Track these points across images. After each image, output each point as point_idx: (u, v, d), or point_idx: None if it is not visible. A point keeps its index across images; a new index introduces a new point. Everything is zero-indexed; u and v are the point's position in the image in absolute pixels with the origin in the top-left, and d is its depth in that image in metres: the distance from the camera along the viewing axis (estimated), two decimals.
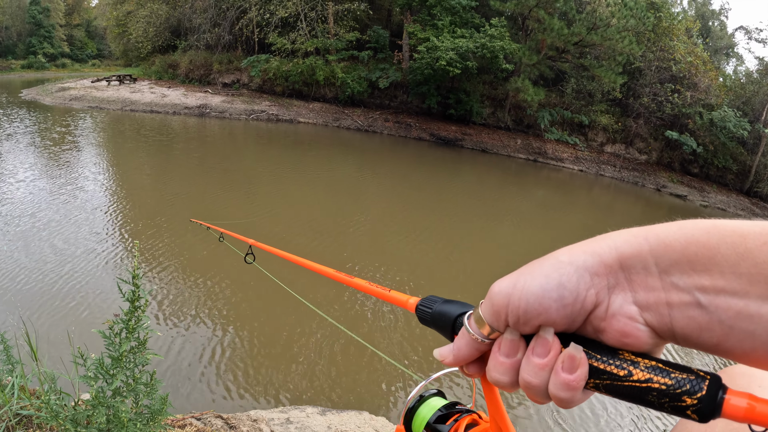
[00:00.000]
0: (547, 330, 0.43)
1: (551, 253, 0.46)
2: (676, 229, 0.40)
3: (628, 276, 0.41)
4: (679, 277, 0.39)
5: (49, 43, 57.60)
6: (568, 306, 0.42)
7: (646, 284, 0.40)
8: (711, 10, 38.92)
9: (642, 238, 0.41)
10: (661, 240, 0.40)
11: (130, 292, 1.57)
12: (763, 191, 23.02)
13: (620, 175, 23.54)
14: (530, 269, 0.45)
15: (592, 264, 0.42)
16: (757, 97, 24.62)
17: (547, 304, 0.42)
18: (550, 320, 0.43)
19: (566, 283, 0.42)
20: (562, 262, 0.43)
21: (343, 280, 1.06)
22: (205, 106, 25.04)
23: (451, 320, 0.57)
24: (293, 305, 6.29)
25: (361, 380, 5.27)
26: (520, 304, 0.43)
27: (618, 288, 0.42)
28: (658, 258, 0.40)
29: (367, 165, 17.44)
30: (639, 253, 0.41)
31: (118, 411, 1.65)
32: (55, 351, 4.58)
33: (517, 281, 0.44)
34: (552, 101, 25.65)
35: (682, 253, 0.39)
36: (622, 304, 0.41)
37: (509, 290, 0.44)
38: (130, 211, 9.84)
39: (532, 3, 22.50)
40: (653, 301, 0.40)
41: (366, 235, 9.89)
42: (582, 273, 0.42)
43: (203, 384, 4.83)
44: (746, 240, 0.36)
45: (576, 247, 0.45)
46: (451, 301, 0.60)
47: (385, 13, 30.77)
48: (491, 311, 0.46)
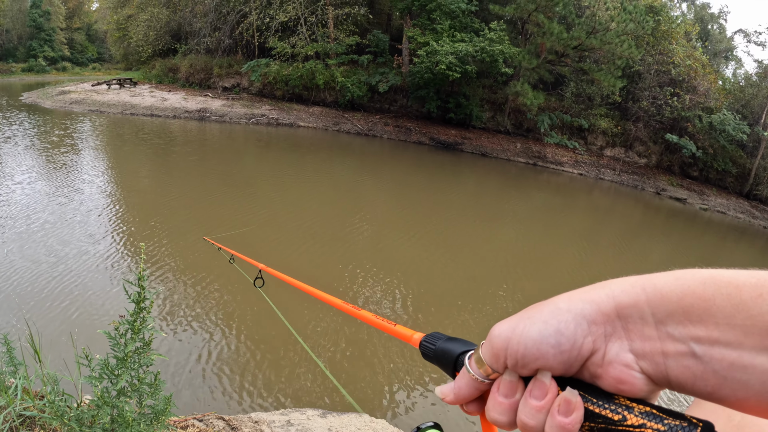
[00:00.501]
0: (545, 374, 0.44)
1: (551, 299, 0.47)
2: (673, 279, 0.41)
3: (624, 325, 0.42)
4: (674, 327, 0.40)
5: (50, 46, 57.71)
6: (565, 352, 0.43)
7: (642, 333, 0.41)
8: (710, 13, 39.05)
9: (639, 288, 0.42)
10: (658, 290, 0.41)
11: (135, 294, 1.59)
12: (762, 194, 23.05)
13: (620, 179, 23.57)
14: (530, 314, 0.46)
15: (590, 312, 0.43)
16: (756, 100, 24.67)
17: (545, 349, 0.43)
18: (547, 365, 0.44)
19: (564, 331, 0.43)
20: (560, 309, 0.44)
21: (351, 311, 1.08)
22: (205, 110, 25.07)
23: (453, 358, 0.58)
24: (294, 310, 6.30)
25: (362, 383, 5.28)
26: (519, 348, 0.44)
27: (615, 336, 0.42)
28: (655, 308, 0.41)
29: (367, 169, 17.46)
30: (636, 303, 0.42)
31: (123, 411, 1.66)
32: (57, 353, 4.59)
33: (517, 326, 0.46)
34: (551, 105, 25.69)
35: (678, 303, 0.40)
36: (618, 352, 0.42)
37: (508, 334, 0.46)
38: (132, 213, 9.85)
39: (531, 7, 22.56)
40: (649, 350, 0.41)
41: (366, 240, 9.91)
42: (580, 321, 0.43)
43: (205, 385, 4.84)
44: (741, 292, 0.37)
45: (575, 294, 0.46)
46: (454, 339, 0.61)
47: (384, 17, 30.84)
48: (491, 353, 0.47)
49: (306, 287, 1.56)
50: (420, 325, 6.75)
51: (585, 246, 12.27)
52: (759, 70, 26.77)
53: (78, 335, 5.13)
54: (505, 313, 7.54)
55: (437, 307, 7.34)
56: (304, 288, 1.57)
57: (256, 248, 8.47)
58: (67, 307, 5.88)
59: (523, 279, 9.17)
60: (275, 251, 8.62)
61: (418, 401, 5.12)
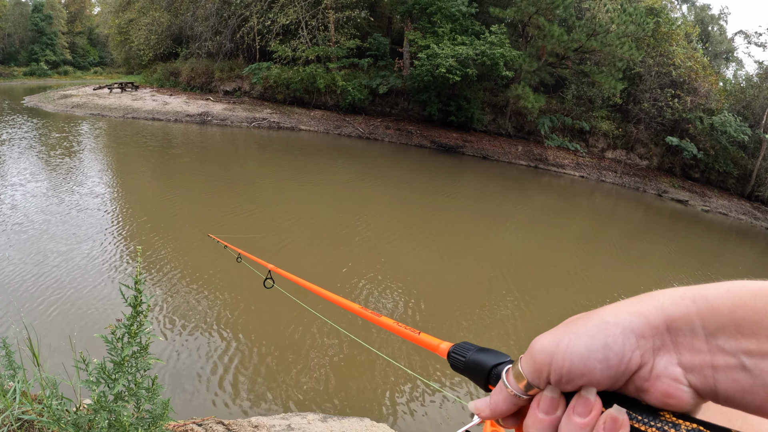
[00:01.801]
0: (590, 390, 0.43)
1: (594, 311, 0.45)
2: (724, 291, 0.40)
3: (674, 338, 0.41)
4: (725, 340, 0.39)
5: (52, 50, 57.92)
6: (612, 367, 0.42)
7: (691, 347, 0.40)
8: (710, 15, 39.05)
9: (689, 300, 0.41)
10: (709, 303, 0.40)
11: (132, 297, 1.58)
12: (764, 195, 23.00)
13: (621, 181, 23.54)
14: (574, 328, 0.44)
15: (638, 326, 0.42)
16: (758, 102, 24.64)
17: (592, 365, 0.42)
18: (593, 381, 0.42)
19: (612, 345, 0.42)
20: (607, 323, 0.43)
21: (371, 317, 1.03)
22: (206, 113, 25.12)
23: (486, 370, 0.56)
24: (294, 311, 6.29)
25: (363, 387, 5.26)
26: (564, 363, 0.43)
27: (663, 350, 0.41)
28: (705, 321, 0.40)
29: (368, 173, 17.46)
30: (686, 316, 0.41)
31: (120, 415, 1.66)
32: (56, 356, 4.59)
33: (561, 340, 0.44)
34: (552, 108, 25.68)
35: (729, 317, 0.39)
36: (666, 366, 0.41)
37: (552, 348, 0.44)
38: (131, 217, 9.85)
39: (531, 10, 22.58)
40: (698, 364, 0.40)
41: (368, 243, 9.90)
42: (628, 335, 0.42)
43: (204, 390, 4.83)
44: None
45: (621, 306, 0.44)
46: (486, 350, 0.59)
47: (385, 20, 30.88)
48: (533, 368, 0.46)
49: (317, 289, 1.49)
50: (421, 327, 6.74)
51: (587, 248, 12.25)
52: (760, 72, 26.73)
53: (77, 339, 5.12)
54: (506, 315, 7.53)
55: (438, 310, 7.32)
56: (316, 290, 1.50)
57: (257, 251, 8.46)
58: (67, 310, 5.88)
59: (526, 281, 9.15)
60: (277, 254, 8.61)
61: (420, 406, 5.10)
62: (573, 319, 0.46)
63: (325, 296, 1.41)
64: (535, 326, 7.13)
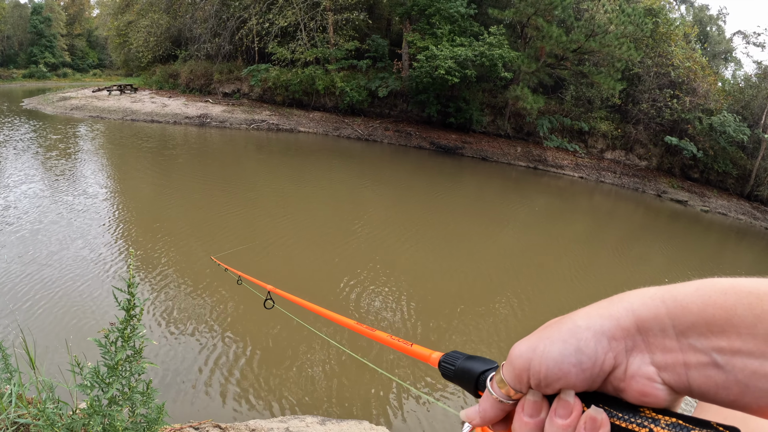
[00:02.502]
0: (568, 392, 0.44)
1: (569, 315, 0.47)
2: (693, 290, 0.41)
3: (645, 338, 0.42)
4: (696, 338, 0.40)
5: (51, 52, 57.94)
6: (587, 370, 0.43)
7: (663, 346, 0.41)
8: (709, 15, 39.06)
9: (659, 300, 0.42)
10: (678, 302, 0.41)
11: (125, 301, 1.57)
12: (763, 195, 23.01)
13: (620, 182, 23.55)
14: (549, 333, 0.46)
15: (610, 328, 0.43)
16: (756, 101, 24.65)
17: (567, 368, 0.43)
18: (570, 383, 0.44)
19: (584, 349, 0.43)
20: (579, 327, 0.44)
21: (365, 332, 1.06)
22: (205, 115, 25.12)
23: (474, 378, 0.58)
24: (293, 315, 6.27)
25: (361, 389, 5.25)
26: (541, 368, 0.44)
27: (636, 350, 0.42)
28: (675, 320, 0.41)
29: (367, 174, 17.46)
30: (656, 316, 0.42)
31: (114, 420, 1.65)
32: (53, 359, 4.58)
33: (537, 346, 0.46)
34: (551, 108, 25.69)
35: (699, 315, 0.40)
36: (640, 366, 0.42)
37: (529, 355, 0.46)
38: (127, 219, 9.84)
39: (530, 11, 22.60)
40: (671, 362, 0.41)
41: (367, 244, 9.89)
42: (600, 338, 0.43)
43: (202, 393, 4.82)
44: (762, 301, 0.37)
45: (593, 309, 0.45)
46: (474, 358, 0.61)
47: (384, 22, 30.88)
48: (513, 374, 0.48)
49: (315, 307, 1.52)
50: (422, 331, 6.73)
51: (586, 249, 12.24)
52: (758, 71, 26.77)
53: (73, 342, 5.11)
54: (506, 318, 7.52)
55: (436, 311, 7.31)
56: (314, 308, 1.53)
57: (256, 254, 8.46)
58: (63, 313, 5.86)
59: (526, 283, 9.14)
60: (276, 257, 8.61)
61: (419, 409, 5.10)
62: (549, 324, 0.47)
63: (322, 314, 1.44)
64: (533, 327, 7.11)
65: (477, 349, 6.31)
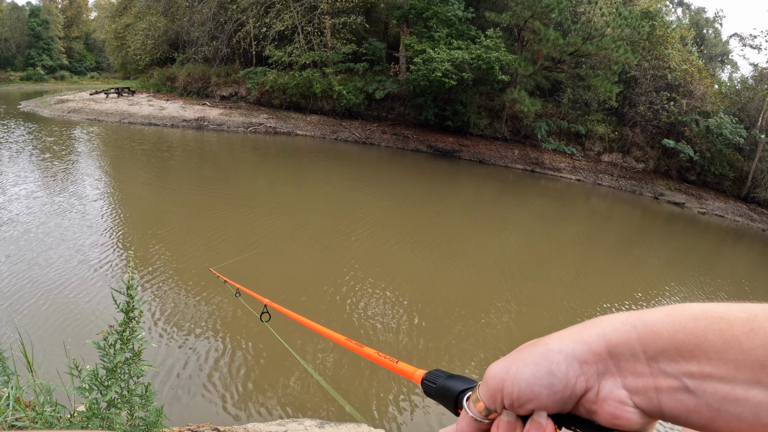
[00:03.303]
0: (540, 414, 0.45)
1: (543, 338, 0.48)
2: (664, 316, 0.42)
3: (616, 363, 0.43)
4: (666, 363, 0.40)
5: (48, 55, 57.91)
6: (558, 392, 0.44)
7: (634, 370, 0.42)
8: (705, 18, 39.24)
9: (630, 325, 0.43)
10: (649, 328, 0.42)
11: (124, 303, 1.57)
12: (760, 197, 23.05)
13: (618, 184, 23.58)
14: (522, 356, 0.47)
15: (581, 352, 0.44)
16: (753, 104, 24.72)
17: (538, 390, 0.44)
18: (541, 405, 0.45)
19: (556, 372, 0.44)
20: (551, 350, 0.45)
21: (354, 348, 1.09)
22: (203, 118, 25.11)
23: (454, 396, 0.59)
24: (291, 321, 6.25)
25: (360, 392, 5.25)
26: (513, 390, 0.45)
27: (607, 374, 0.43)
28: (646, 346, 0.41)
29: (365, 177, 17.46)
30: (627, 341, 0.42)
31: (113, 423, 1.65)
32: (51, 362, 4.56)
33: (510, 368, 0.47)
34: (549, 111, 25.74)
35: (669, 340, 0.40)
36: (611, 389, 0.43)
37: (503, 376, 0.47)
38: (125, 222, 9.83)
39: (527, 14, 22.65)
40: (642, 386, 0.41)
41: (365, 248, 9.88)
42: (571, 361, 0.44)
43: (200, 396, 4.81)
44: (733, 327, 0.38)
45: (566, 334, 0.46)
46: (455, 377, 0.62)
47: (381, 25, 30.93)
48: (487, 394, 0.49)
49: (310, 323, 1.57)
50: (419, 334, 6.73)
51: (584, 251, 12.26)
52: (755, 73, 26.86)
53: (71, 344, 5.10)
54: (505, 322, 7.52)
55: (433, 315, 7.31)
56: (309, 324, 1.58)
57: (253, 257, 8.45)
58: (61, 316, 5.84)
59: (523, 286, 9.15)
60: (273, 261, 8.60)
61: (417, 412, 5.09)
62: (523, 347, 0.48)
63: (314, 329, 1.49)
64: (530, 331, 7.12)
65: (474, 354, 6.31)
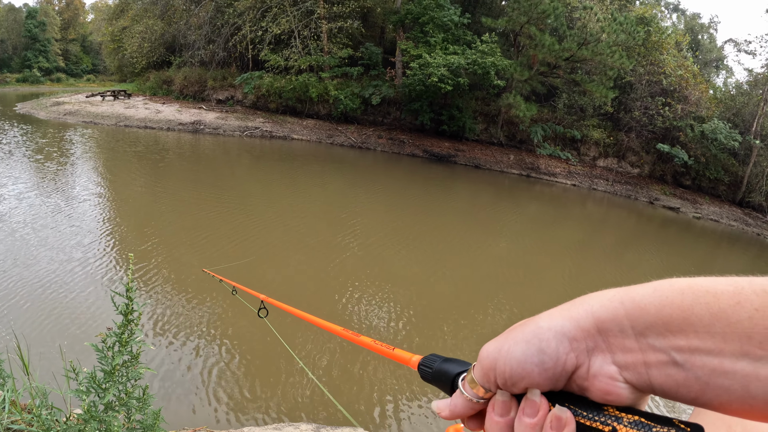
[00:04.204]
0: (534, 392, 0.46)
1: (533, 317, 0.48)
2: (651, 291, 0.42)
3: (605, 339, 0.43)
4: (654, 338, 0.41)
5: (45, 57, 57.86)
6: (549, 370, 0.44)
7: (623, 346, 0.42)
8: (700, 23, 39.48)
9: (618, 302, 0.43)
10: (636, 303, 0.42)
11: (123, 305, 1.57)
12: (755, 201, 23.17)
13: (613, 189, 23.67)
14: (514, 335, 0.48)
15: (570, 329, 0.45)
16: (747, 108, 24.88)
17: (530, 368, 0.45)
18: (534, 383, 0.45)
19: (546, 349, 0.44)
20: (541, 328, 0.46)
21: (350, 338, 1.10)
22: (199, 122, 25.08)
23: (450, 379, 0.59)
24: (287, 321, 6.26)
25: (356, 396, 5.24)
26: (506, 368, 0.46)
27: (597, 350, 0.44)
28: (634, 321, 0.42)
29: (360, 182, 17.47)
30: (615, 318, 0.43)
31: (110, 426, 1.65)
32: (47, 365, 4.54)
33: (502, 347, 0.48)
34: (544, 116, 25.83)
35: (656, 315, 0.41)
36: (602, 365, 0.43)
37: (495, 355, 0.48)
38: (121, 225, 9.80)
39: (523, 20, 22.74)
40: (631, 362, 0.42)
41: (360, 253, 9.88)
42: (561, 338, 0.44)
43: (197, 399, 4.79)
44: (719, 300, 0.38)
45: (555, 312, 0.47)
46: (450, 360, 0.62)
47: (378, 30, 31.02)
48: (481, 374, 0.50)
49: (306, 316, 1.58)
50: (415, 336, 6.73)
51: (579, 256, 12.29)
52: (749, 79, 27.02)
53: (68, 347, 5.08)
54: (499, 324, 7.53)
55: (431, 319, 7.32)
56: (305, 317, 1.59)
57: (249, 262, 8.44)
58: (57, 319, 5.82)
59: (518, 290, 9.17)
60: (269, 265, 8.59)
61: (413, 415, 5.09)
62: (515, 326, 0.49)
63: (311, 321, 1.49)
64: None
65: (469, 357, 6.31)
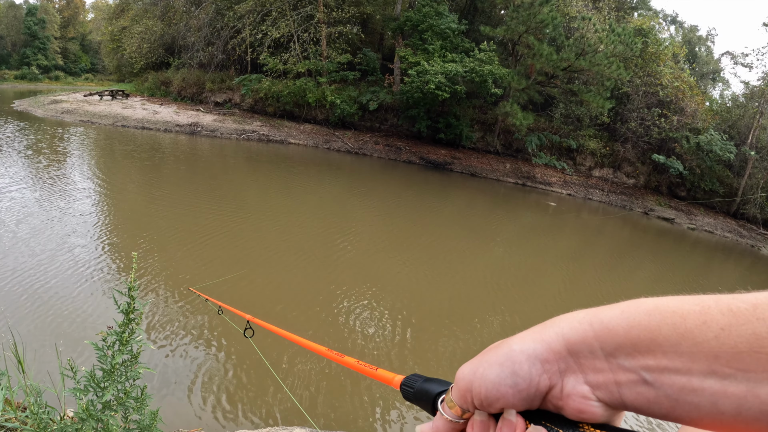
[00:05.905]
0: (510, 412, 0.47)
1: (506, 339, 0.50)
2: (619, 313, 0.44)
3: (576, 360, 0.45)
4: (624, 359, 0.42)
5: (44, 54, 57.74)
6: (523, 391, 0.46)
7: (594, 366, 0.44)
8: (698, 36, 39.78)
9: (587, 324, 0.45)
10: (605, 325, 0.44)
11: (125, 304, 1.57)
12: (749, 213, 23.28)
13: (608, 199, 23.75)
14: (488, 357, 0.49)
15: (542, 352, 0.46)
16: (743, 121, 25.06)
17: (504, 390, 0.46)
18: (509, 403, 0.47)
19: (519, 371, 0.46)
20: (514, 350, 0.48)
21: (335, 358, 1.12)
22: (196, 124, 25.05)
23: (431, 399, 0.61)
24: (277, 335, 6.24)
25: (351, 400, 5.23)
26: (481, 390, 0.48)
27: (569, 371, 0.45)
28: (603, 342, 0.43)
29: (356, 188, 17.47)
30: (584, 340, 0.44)
31: (108, 425, 1.64)
32: (41, 364, 4.51)
33: (477, 369, 0.49)
34: (541, 126, 25.93)
35: (625, 336, 0.42)
36: (574, 385, 0.45)
37: (471, 377, 0.49)
38: (121, 225, 9.77)
39: (521, 29, 22.86)
40: (602, 381, 0.43)
41: (355, 260, 9.86)
42: (533, 361, 0.46)
43: (192, 401, 4.77)
44: (686, 320, 0.40)
45: (527, 334, 0.49)
46: (431, 380, 0.64)
47: (377, 36, 31.11)
48: (459, 395, 0.51)
49: (292, 336, 1.61)
50: (409, 343, 6.73)
51: (573, 266, 12.31)
52: (745, 91, 27.24)
53: (63, 346, 5.05)
54: (493, 333, 7.53)
55: (422, 327, 7.31)
56: (291, 337, 1.62)
57: (240, 275, 8.42)
58: (53, 317, 5.79)
59: (512, 299, 9.18)
60: (263, 272, 8.58)
61: (411, 419, 5.08)
62: (489, 349, 0.51)
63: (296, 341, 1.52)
64: None
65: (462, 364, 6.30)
